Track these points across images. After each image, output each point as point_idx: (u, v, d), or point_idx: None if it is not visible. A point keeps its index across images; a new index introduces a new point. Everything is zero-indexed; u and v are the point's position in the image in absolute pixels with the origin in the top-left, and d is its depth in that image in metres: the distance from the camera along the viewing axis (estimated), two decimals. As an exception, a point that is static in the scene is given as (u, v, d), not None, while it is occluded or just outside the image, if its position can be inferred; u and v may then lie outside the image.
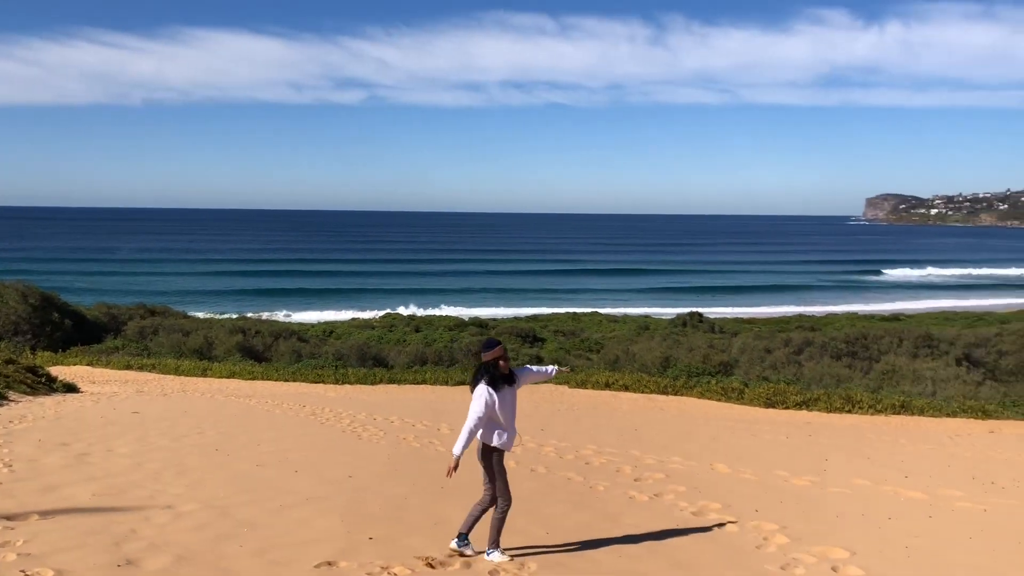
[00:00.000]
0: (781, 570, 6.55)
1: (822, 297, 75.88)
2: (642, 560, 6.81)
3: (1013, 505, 9.19)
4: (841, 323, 45.88)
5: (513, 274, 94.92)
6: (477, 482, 9.77)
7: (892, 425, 18.78)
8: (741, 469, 11.04)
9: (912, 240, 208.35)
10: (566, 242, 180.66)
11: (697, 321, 43.30)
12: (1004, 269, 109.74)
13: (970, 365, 30.73)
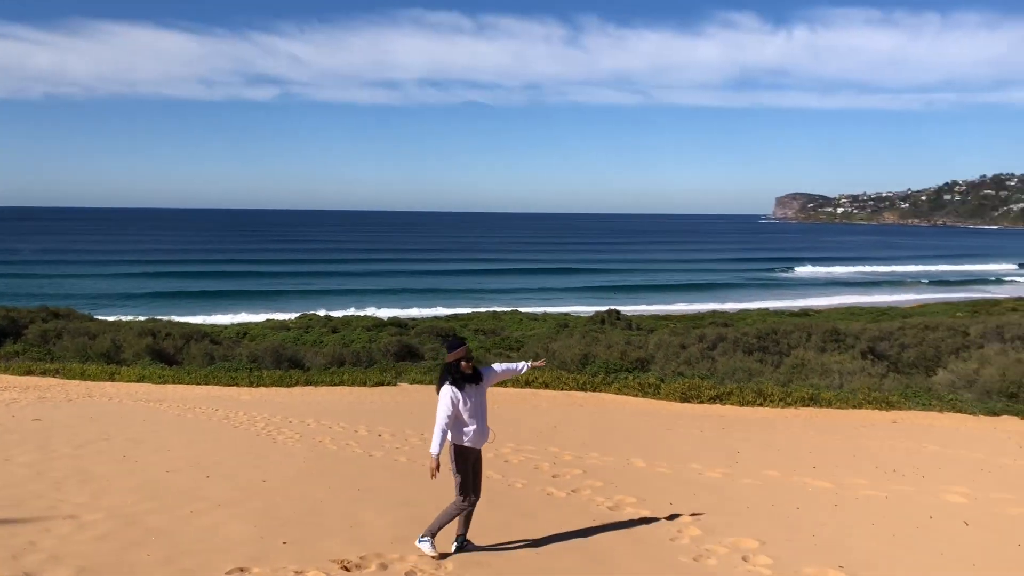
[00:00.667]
0: (694, 561, 6.68)
1: (735, 294, 77.77)
2: (559, 556, 6.85)
3: (912, 492, 9.58)
4: (753, 319, 47.09)
5: (433, 274, 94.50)
6: (394, 483, 9.73)
7: (801, 417, 19.36)
8: (657, 463, 11.23)
9: (820, 238, 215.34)
10: (487, 241, 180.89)
11: (615, 318, 43.85)
12: (906, 266, 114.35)
13: (874, 358, 31.92)
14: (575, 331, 38.54)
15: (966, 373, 26.34)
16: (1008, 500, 9.10)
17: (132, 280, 79.74)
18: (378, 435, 13.64)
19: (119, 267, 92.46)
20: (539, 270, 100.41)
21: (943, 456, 12.75)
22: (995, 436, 16.12)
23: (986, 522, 8.12)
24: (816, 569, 6.44)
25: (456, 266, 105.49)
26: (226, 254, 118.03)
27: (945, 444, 14.30)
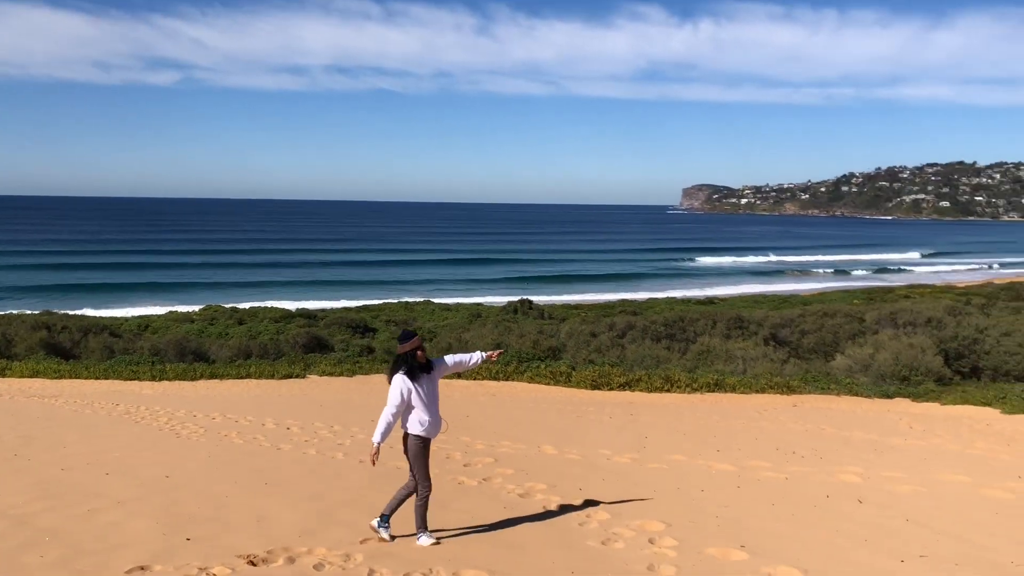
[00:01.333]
0: (602, 545, 6.78)
1: (644, 283, 79.21)
2: (470, 544, 6.87)
3: (810, 472, 9.95)
4: (661, 307, 48.05)
5: (343, 264, 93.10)
6: (303, 477, 9.58)
7: (707, 402, 19.88)
8: (567, 450, 11.36)
9: (725, 228, 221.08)
10: (397, 231, 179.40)
11: (527, 308, 44.11)
12: (806, 256, 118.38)
13: (776, 344, 32.98)
14: (488, 321, 38.62)
15: (862, 358, 27.46)
16: (898, 478, 9.53)
17: (24, 272, 76.06)
18: (286, 428, 13.41)
19: (9, 258, 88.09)
20: (451, 260, 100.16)
21: (839, 438, 13.28)
22: (888, 418, 16.88)
23: (878, 499, 8.49)
24: (719, 549, 6.62)
25: (366, 256, 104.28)
26: (126, 245, 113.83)
27: (841, 426, 14.89)
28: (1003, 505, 8.27)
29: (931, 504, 8.31)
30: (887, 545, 6.78)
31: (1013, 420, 17.03)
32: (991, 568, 6.20)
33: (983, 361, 28.80)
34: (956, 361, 28.88)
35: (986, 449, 12.15)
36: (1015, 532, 7.23)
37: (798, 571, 6.06)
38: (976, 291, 55.70)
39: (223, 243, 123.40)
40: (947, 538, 7.02)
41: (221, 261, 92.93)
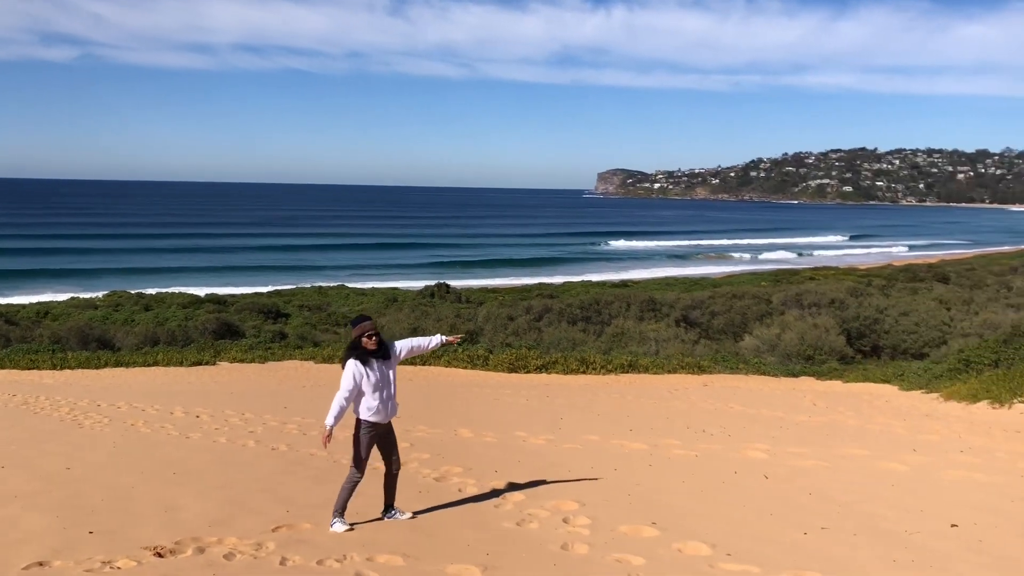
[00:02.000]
0: (517, 526, 6.83)
1: (561, 267, 79.90)
2: (383, 529, 6.83)
3: (719, 449, 10.22)
4: (577, 290, 48.56)
5: (254, 249, 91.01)
6: (213, 466, 9.36)
7: (621, 383, 20.20)
8: (483, 432, 11.40)
9: (639, 212, 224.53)
10: (311, 214, 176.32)
11: (445, 292, 44.02)
12: (716, 239, 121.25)
13: (687, 325, 33.73)
14: (404, 305, 38.39)
15: (769, 338, 28.31)
16: (802, 454, 9.88)
17: (-89, 258, 72.10)
18: (196, 417, 13.08)
19: None
20: (367, 245, 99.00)
21: (747, 415, 13.68)
22: (793, 396, 17.45)
23: (783, 475, 8.78)
24: (631, 526, 6.74)
25: (280, 241, 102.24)
26: (22, 229, 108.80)
27: (749, 404, 15.34)
28: (898, 477, 8.66)
29: (832, 477, 8.63)
30: (791, 518, 7.02)
31: (910, 396, 17.82)
32: (886, 536, 6.48)
33: (883, 340, 30.03)
34: (858, 340, 30.05)
35: (884, 424, 12.69)
36: (909, 502, 7.57)
37: (706, 545, 6.22)
38: (876, 273, 57.97)
39: (128, 227, 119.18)
40: (847, 509, 7.31)
41: (126, 246, 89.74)
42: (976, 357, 19.48)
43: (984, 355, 19.35)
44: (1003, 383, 15.70)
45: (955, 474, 8.72)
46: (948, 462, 9.33)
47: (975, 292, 42.16)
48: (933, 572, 5.66)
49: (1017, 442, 10.78)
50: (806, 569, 5.69)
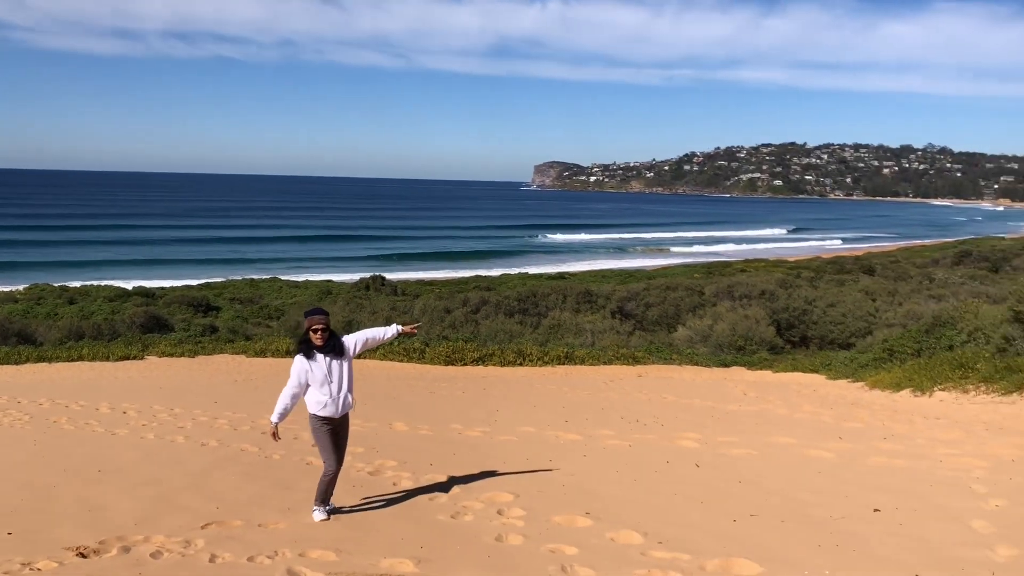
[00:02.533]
0: (451, 519, 6.82)
1: (498, 259, 79.99)
2: (317, 525, 6.75)
3: (652, 439, 10.35)
4: (514, 283, 48.69)
5: (185, 241, 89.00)
6: (141, 463, 9.13)
7: (558, 374, 20.32)
8: (418, 426, 11.34)
9: (575, 205, 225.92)
10: (243, 206, 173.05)
11: (380, 284, 43.69)
12: (650, 232, 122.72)
13: (623, 317, 34.10)
14: (339, 298, 38.00)
15: (702, 329, 28.78)
16: (733, 442, 10.06)
17: None
18: (123, 412, 12.74)
19: None
20: (301, 237, 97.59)
21: (680, 405, 13.88)
22: (725, 386, 17.77)
23: (714, 463, 8.94)
24: (565, 516, 6.78)
25: (210, 233, 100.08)
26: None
27: (682, 395, 15.57)
28: (825, 464, 8.88)
29: (762, 465, 8.82)
30: (721, 506, 7.14)
31: (836, 385, 18.31)
32: (812, 521, 6.65)
33: (811, 331, 30.79)
34: (787, 331, 30.75)
35: (811, 412, 13.01)
36: (835, 488, 7.78)
37: (638, 534, 6.30)
38: (805, 265, 59.41)
39: (50, 218, 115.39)
40: (775, 496, 7.47)
41: (48, 238, 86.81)
42: (899, 347, 20.10)
43: (907, 345, 19.98)
44: (924, 372, 16.23)
45: (878, 460, 8.98)
46: (872, 449, 9.61)
47: (899, 284, 43.51)
48: (856, 555, 5.82)
49: (937, 429, 11.16)
50: (735, 555, 5.80)
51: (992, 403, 13.42)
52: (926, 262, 61.47)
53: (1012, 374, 14.02)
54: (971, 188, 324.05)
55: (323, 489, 6.94)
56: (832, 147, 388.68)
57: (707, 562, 5.70)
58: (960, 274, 50.75)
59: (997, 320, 17.33)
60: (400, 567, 5.68)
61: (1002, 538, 6.14)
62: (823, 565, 5.62)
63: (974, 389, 14.37)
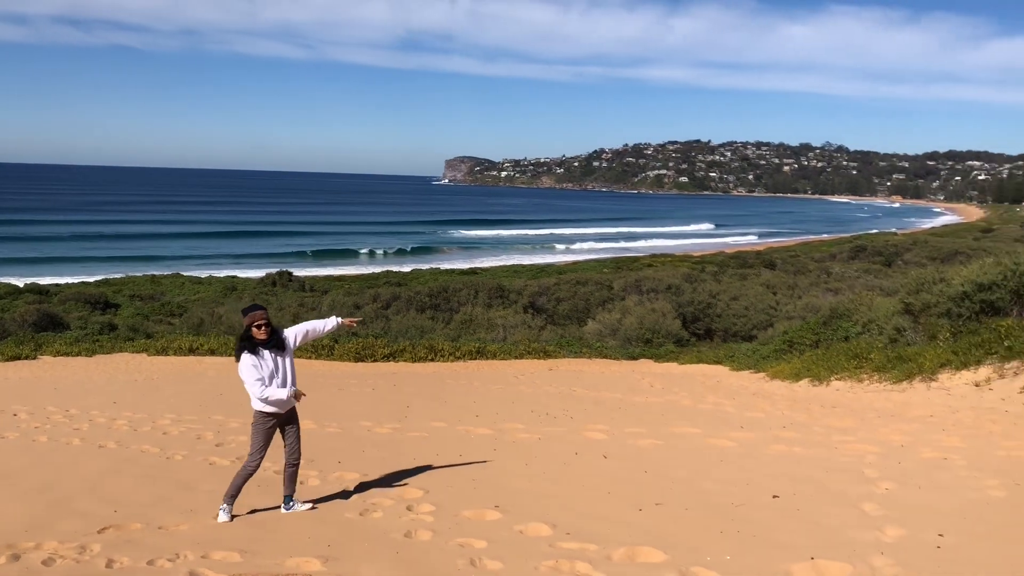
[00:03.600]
0: (360, 516, 6.75)
1: (409, 254, 79.47)
2: (220, 527, 6.59)
3: (562, 432, 10.47)
4: (425, 278, 48.46)
5: (82, 237, 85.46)
6: (32, 467, 8.76)
7: (469, 369, 20.34)
8: (327, 423, 11.19)
9: (487, 200, 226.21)
10: (143, 200, 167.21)
11: (287, 280, 42.89)
12: (562, 228, 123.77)
13: (534, 312, 34.36)
14: (244, 294, 37.15)
15: (611, 322, 29.23)
16: (639, 433, 10.26)
17: None
18: (13, 415, 12.18)
19: None
20: (206, 233, 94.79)
21: (589, 398, 14.08)
22: (633, 378, 18.10)
23: (621, 454, 9.10)
24: (474, 511, 6.80)
25: (109, 228, 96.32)
26: None
27: (591, 387, 15.80)
28: (727, 453, 9.15)
29: (667, 455, 9.02)
30: (628, 496, 7.27)
31: (739, 376, 18.86)
32: (715, 509, 6.83)
33: (715, 323, 31.62)
34: (692, 324, 31.50)
35: (715, 403, 13.37)
36: (736, 476, 8.01)
37: (547, 526, 6.36)
38: (710, 260, 60.93)
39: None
40: (680, 485, 7.66)
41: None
42: (799, 338, 20.84)
43: (806, 336, 20.72)
44: (822, 362, 16.87)
45: (778, 448, 9.29)
46: (772, 437, 9.94)
47: (798, 277, 45.06)
48: (756, 541, 6.01)
49: (833, 417, 11.61)
50: (641, 544, 5.91)
51: (884, 391, 14.04)
52: (824, 257, 63.88)
53: (903, 363, 14.69)
54: (866, 185, 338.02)
55: (237, 484, 6.82)
56: (735, 145, 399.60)
57: (614, 551, 5.79)
58: (855, 268, 52.93)
59: (889, 312, 18.12)
60: (306, 566, 5.59)
61: (891, 520, 6.43)
62: (724, 551, 5.79)
63: (868, 378, 15.01)
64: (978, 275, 15.43)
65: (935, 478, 7.75)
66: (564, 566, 5.54)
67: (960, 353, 13.87)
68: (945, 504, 6.86)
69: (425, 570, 5.49)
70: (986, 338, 13.89)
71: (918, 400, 12.90)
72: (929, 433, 9.95)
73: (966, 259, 33.22)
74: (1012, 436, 9.59)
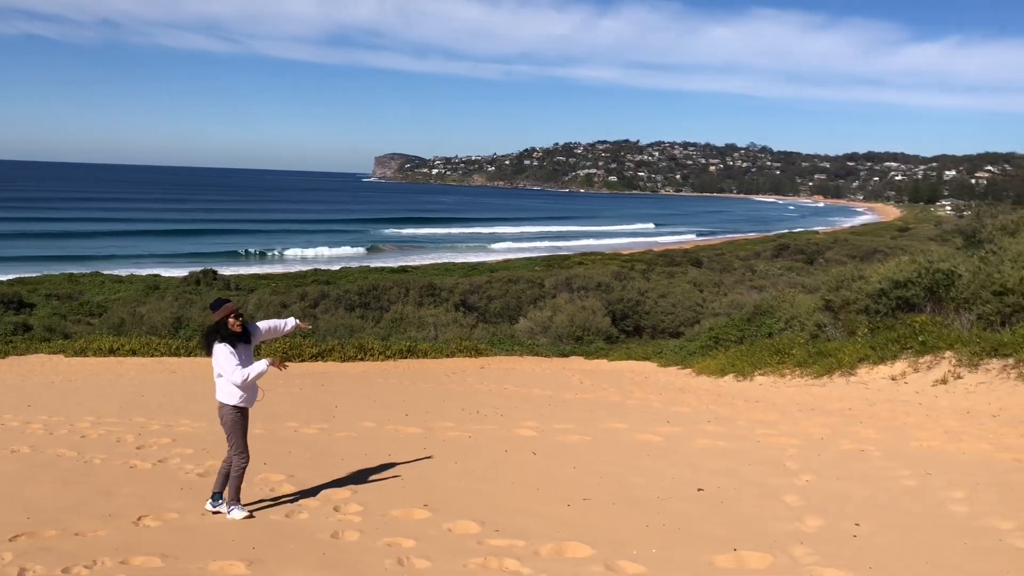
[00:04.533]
0: (286, 518, 6.66)
1: (339, 252, 78.46)
2: (141, 532, 6.41)
3: (492, 429, 10.48)
4: (355, 276, 47.97)
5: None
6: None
7: (400, 368, 20.21)
8: (252, 425, 10.92)
9: (418, 198, 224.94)
10: (60, 197, 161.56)
11: (212, 279, 41.97)
12: (494, 227, 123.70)
13: (466, 310, 34.33)
14: (167, 293, 36.23)
15: (542, 320, 29.38)
16: (568, 430, 10.34)
17: None
18: (-81, 420, 11.62)
19: None
20: (127, 232, 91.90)
21: (519, 395, 14.13)
22: (563, 375, 18.23)
23: (550, 450, 9.15)
24: (403, 510, 6.76)
25: (24, 227, 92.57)
26: None
27: (522, 384, 15.86)
28: (653, 448, 9.28)
29: (595, 451, 9.11)
30: (556, 492, 7.32)
31: (667, 372, 19.16)
32: (641, 503, 6.93)
33: (644, 320, 32.05)
34: (622, 321, 31.87)
35: (643, 399, 13.56)
36: (662, 470, 8.14)
37: (475, 523, 6.36)
38: (639, 258, 61.74)
39: None
40: (607, 480, 7.74)
41: None
42: (724, 335, 21.27)
43: (731, 333, 21.16)
44: (746, 358, 17.26)
45: (703, 443, 9.47)
46: (697, 432, 10.12)
47: (724, 275, 45.99)
48: (681, 534, 6.12)
49: (756, 411, 11.89)
50: (568, 539, 5.96)
51: (805, 385, 14.44)
52: (749, 255, 65.31)
53: (823, 358, 15.13)
54: (789, 185, 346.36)
55: (237, 486, 6.77)
56: (663, 145, 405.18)
57: (541, 547, 5.83)
58: (779, 266, 54.30)
59: (811, 309, 18.65)
60: (230, 569, 5.48)
61: (810, 510, 6.62)
62: (650, 544, 5.87)
63: (790, 373, 15.41)
64: (894, 273, 15.98)
65: (853, 469, 8.00)
66: (492, 563, 5.55)
67: (877, 348, 14.35)
68: (862, 494, 7.08)
69: (352, 571, 5.44)
70: (902, 333, 14.41)
71: (837, 394, 13.30)
72: (847, 426, 10.26)
73: (884, 257, 34.36)
74: (924, 427, 9.96)
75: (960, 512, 6.49)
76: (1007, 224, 18.31)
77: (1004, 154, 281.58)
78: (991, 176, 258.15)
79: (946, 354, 13.28)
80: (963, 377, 12.59)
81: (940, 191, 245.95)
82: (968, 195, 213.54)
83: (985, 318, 14.11)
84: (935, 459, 8.30)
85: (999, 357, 12.47)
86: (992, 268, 14.88)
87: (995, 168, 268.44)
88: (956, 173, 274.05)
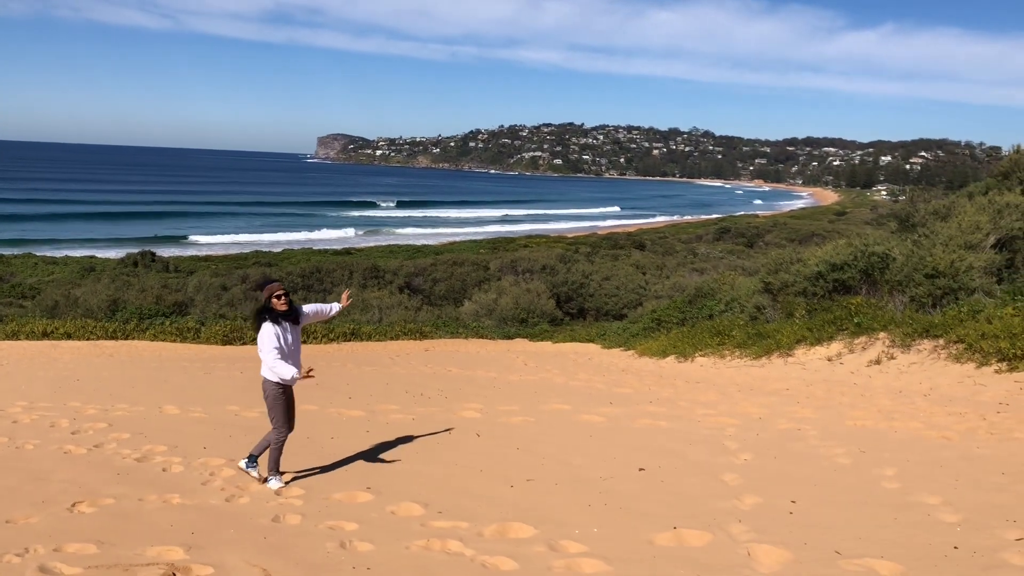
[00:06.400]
0: (226, 502, 6.58)
1: (280, 234, 77.33)
2: (73, 519, 6.26)
3: (436, 412, 10.48)
4: (298, 258, 47.42)
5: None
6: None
7: (344, 351, 20.05)
8: (191, 409, 10.81)
9: (362, 179, 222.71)
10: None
11: (150, 260, 41.09)
12: (438, 210, 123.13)
13: (411, 292, 34.18)
14: (103, 275, 35.37)
15: (487, 303, 29.39)
16: (513, 411, 10.39)
17: None
18: None
19: None
20: (61, 215, 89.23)
21: (464, 377, 14.14)
22: (507, 357, 18.28)
23: (494, 432, 9.18)
24: (346, 493, 6.73)
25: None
26: None
27: (466, 367, 15.87)
28: (596, 428, 9.38)
29: (538, 432, 9.17)
30: (500, 473, 7.36)
31: (610, 354, 19.34)
32: (583, 483, 7.00)
33: (588, 303, 32.29)
34: (566, 303, 32.05)
35: (586, 380, 13.67)
36: (604, 450, 8.23)
37: (419, 505, 6.36)
38: (583, 241, 62.10)
39: None
40: (550, 461, 7.80)
41: None
42: (666, 316, 21.54)
43: (672, 315, 21.44)
44: (687, 339, 17.50)
45: (644, 423, 9.60)
46: (639, 412, 10.25)
47: (667, 258, 46.53)
48: (622, 513, 6.20)
49: (697, 392, 12.08)
50: (512, 520, 6.00)
51: (745, 366, 14.71)
52: (691, 238, 66.15)
53: (762, 340, 15.42)
54: (730, 169, 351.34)
55: (275, 457, 7.01)
56: (607, 128, 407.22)
57: (485, 528, 5.85)
58: (720, 249, 55.10)
59: (750, 291, 18.98)
60: (168, 554, 5.40)
61: (748, 488, 6.76)
62: (592, 523, 5.94)
63: (730, 354, 15.68)
64: (831, 256, 16.34)
65: (789, 448, 8.19)
66: (435, 545, 5.56)
67: (814, 330, 14.68)
68: (798, 472, 7.26)
69: (293, 554, 5.40)
70: (838, 315, 14.76)
71: (776, 374, 13.59)
72: (785, 406, 10.49)
73: (821, 241, 35.10)
74: (858, 407, 10.23)
75: (891, 488, 6.69)
76: (939, 209, 18.85)
77: (937, 140, 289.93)
78: (925, 162, 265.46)
79: (880, 335, 13.64)
80: (896, 358, 12.95)
81: (876, 176, 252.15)
82: (903, 180, 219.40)
83: (917, 300, 14.54)
84: (869, 437, 8.54)
85: (930, 338, 12.85)
86: (924, 252, 15.32)
87: (928, 154, 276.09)
88: (891, 159, 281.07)
